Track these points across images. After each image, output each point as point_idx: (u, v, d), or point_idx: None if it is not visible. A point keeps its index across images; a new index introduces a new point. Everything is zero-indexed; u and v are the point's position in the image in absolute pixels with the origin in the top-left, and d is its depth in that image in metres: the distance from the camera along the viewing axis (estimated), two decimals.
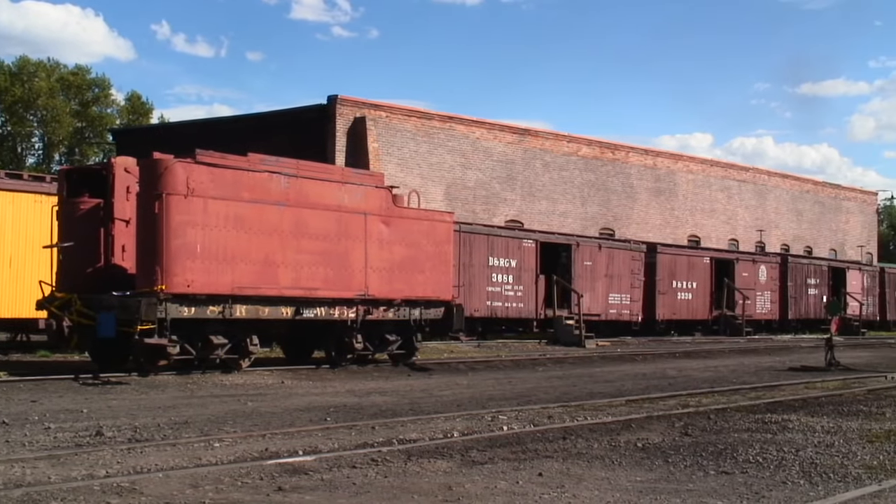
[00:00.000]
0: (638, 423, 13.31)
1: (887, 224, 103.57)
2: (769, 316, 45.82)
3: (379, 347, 22.50)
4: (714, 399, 16.82)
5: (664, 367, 24.54)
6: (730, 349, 32.94)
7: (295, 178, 20.30)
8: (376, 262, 21.73)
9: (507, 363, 24.71)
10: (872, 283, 53.57)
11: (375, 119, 39.43)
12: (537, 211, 46.72)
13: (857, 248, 70.41)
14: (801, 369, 24.20)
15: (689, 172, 56.96)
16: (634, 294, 37.88)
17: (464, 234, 30.51)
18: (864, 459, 10.52)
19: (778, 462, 10.28)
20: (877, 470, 9.89)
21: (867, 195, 76.52)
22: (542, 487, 8.84)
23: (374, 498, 8.36)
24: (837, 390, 18.56)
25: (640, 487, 8.94)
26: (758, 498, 8.55)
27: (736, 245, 58.01)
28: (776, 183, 64.65)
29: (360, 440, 11.43)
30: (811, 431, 12.63)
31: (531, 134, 47.74)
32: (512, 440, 11.58)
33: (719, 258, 44.03)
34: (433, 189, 41.18)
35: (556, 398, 16.53)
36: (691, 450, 11.01)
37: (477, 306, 31.05)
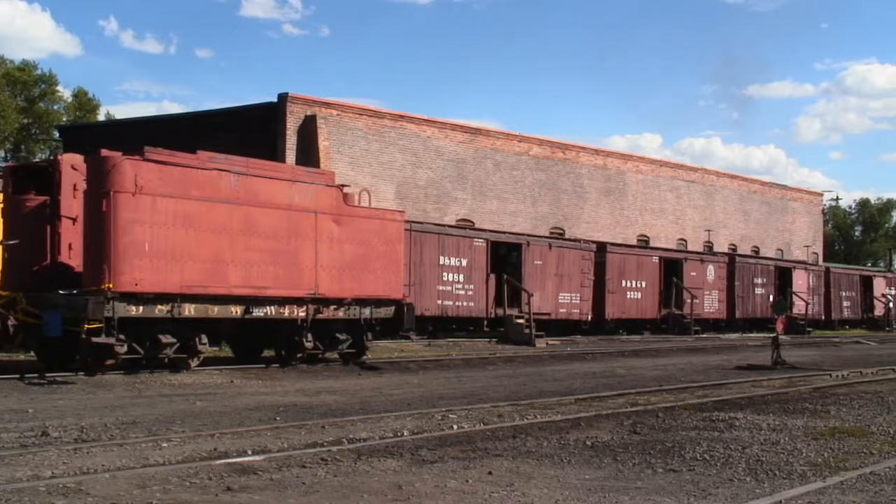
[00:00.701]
0: (587, 421, 13.38)
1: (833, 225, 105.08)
2: (717, 315, 46.23)
3: (329, 346, 22.43)
4: (662, 397, 16.95)
5: (613, 366, 24.69)
6: (678, 348, 33.23)
7: (245, 177, 20.18)
8: (327, 261, 21.65)
9: (457, 362, 24.74)
10: (818, 283, 54.24)
11: (326, 117, 39.28)
12: (488, 210, 46.80)
13: (804, 248, 71.30)
14: (747, 368, 24.46)
15: (638, 172, 57.36)
16: (584, 293, 38.07)
17: (415, 233, 30.48)
18: (808, 457, 10.66)
19: (725, 460, 10.38)
20: (821, 467, 10.02)
21: (813, 196, 77.52)
22: (491, 486, 8.87)
23: (324, 497, 8.33)
24: (783, 388, 18.78)
25: (589, 485, 8.99)
26: (705, 495, 8.63)
27: (684, 245, 58.49)
28: (724, 183, 65.28)
29: (310, 439, 11.39)
30: (757, 429, 12.77)
31: (482, 133, 47.82)
32: (462, 439, 11.60)
33: (668, 258, 44.35)
34: (384, 188, 41.11)
35: (506, 397, 16.58)
36: (640, 448, 11.09)
37: (428, 305, 31.03)
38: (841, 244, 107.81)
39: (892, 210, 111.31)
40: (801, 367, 24.33)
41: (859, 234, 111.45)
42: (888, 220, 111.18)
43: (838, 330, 54.08)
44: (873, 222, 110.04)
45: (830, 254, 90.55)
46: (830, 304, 55.51)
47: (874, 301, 59.45)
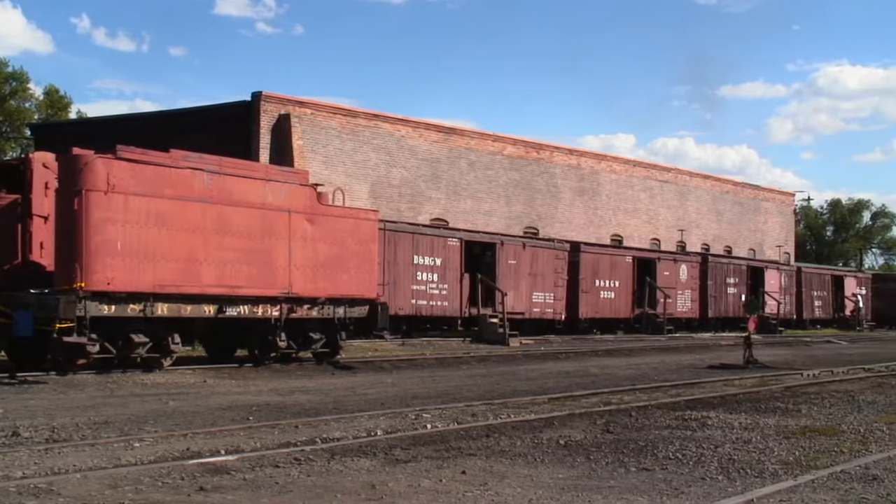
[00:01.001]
0: (561, 420, 13.41)
1: (804, 224, 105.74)
2: (690, 314, 46.42)
3: (303, 346, 22.39)
4: (636, 396, 17.00)
5: (587, 365, 24.76)
6: (651, 347, 33.35)
7: (218, 175, 20.11)
8: (300, 260, 21.61)
9: (431, 361, 24.75)
10: (790, 283, 54.56)
11: (300, 116, 39.19)
12: (462, 210, 46.83)
13: (776, 247, 71.72)
14: (720, 367, 24.57)
15: (612, 172, 57.54)
16: (558, 293, 38.14)
17: (389, 233, 30.46)
18: (780, 455, 10.72)
19: (697, 458, 10.43)
20: (792, 465, 10.09)
21: (785, 196, 78.00)
22: (465, 485, 8.87)
23: (297, 497, 8.31)
24: (755, 388, 18.87)
25: (562, 484, 9.02)
26: (677, 494, 8.67)
27: (658, 244, 58.72)
28: (697, 183, 65.59)
29: (284, 439, 11.36)
30: (729, 428, 12.84)
31: (456, 133, 47.84)
32: (436, 438, 11.60)
33: (641, 257, 44.51)
34: (358, 187, 41.06)
35: (479, 396, 16.59)
36: (613, 447, 11.13)
37: (402, 305, 31.02)
38: (812, 244, 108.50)
39: (862, 210, 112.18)
40: (773, 367, 24.46)
41: (831, 234, 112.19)
42: (859, 220, 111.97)
43: (810, 329, 54.40)
44: (844, 222, 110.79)
45: (802, 254, 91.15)
46: (802, 304, 55.84)
47: (845, 301, 59.89)
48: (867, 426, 13.14)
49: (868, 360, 28.32)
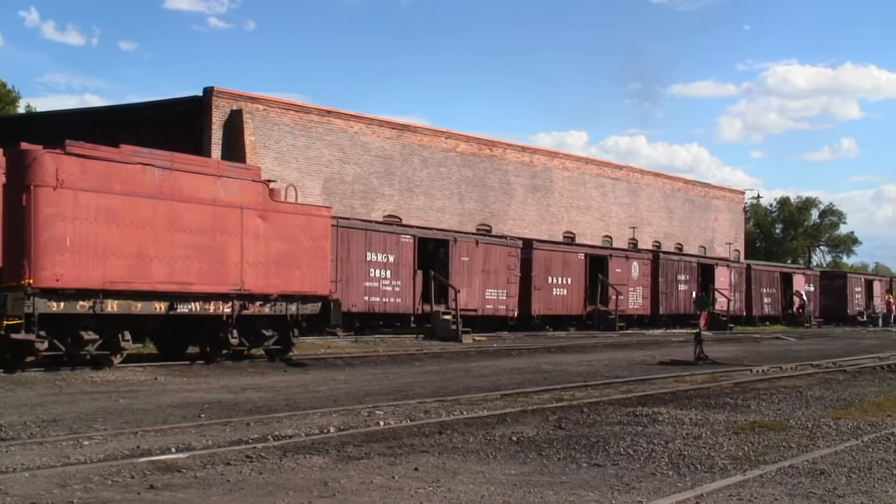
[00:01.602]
0: (513, 417, 13.46)
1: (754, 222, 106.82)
2: (641, 311, 46.72)
3: (255, 343, 22.29)
4: (587, 393, 17.10)
5: (539, 362, 24.85)
6: (603, 344, 33.54)
7: (169, 171, 19.94)
8: (252, 257, 21.49)
9: (384, 358, 24.72)
10: (739, 280, 55.09)
11: (252, 112, 38.98)
12: (415, 206, 46.82)
13: (726, 245, 72.45)
14: (671, 363, 24.76)
15: (564, 170, 57.79)
16: (510, 289, 38.24)
17: (341, 229, 30.37)
18: (729, 450, 10.83)
19: (648, 454, 10.51)
20: (741, 460, 10.19)
21: (735, 194, 78.78)
22: (417, 482, 8.88)
23: (249, 495, 8.27)
24: (705, 383, 19.04)
25: (514, 480, 9.05)
26: (628, 489, 8.73)
27: (610, 242, 59.08)
28: (649, 181, 66.07)
29: (235, 437, 11.30)
30: (680, 424, 12.95)
31: (410, 129, 47.82)
32: (388, 435, 11.60)
33: (593, 254, 44.73)
34: (311, 183, 40.92)
35: (432, 393, 16.60)
36: (565, 443, 11.19)
37: (354, 301, 30.95)
38: (762, 242, 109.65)
39: (811, 208, 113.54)
40: (723, 363, 24.70)
41: (780, 231, 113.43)
42: (807, 218, 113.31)
43: (759, 326, 54.96)
44: (793, 220, 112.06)
45: (752, 251, 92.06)
46: (751, 301, 56.38)
47: (793, 298, 60.58)
48: (814, 421, 13.31)
49: (816, 356, 28.70)
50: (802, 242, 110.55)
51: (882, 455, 10.60)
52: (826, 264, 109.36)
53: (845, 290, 65.61)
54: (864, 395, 17.32)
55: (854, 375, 21.73)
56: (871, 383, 19.83)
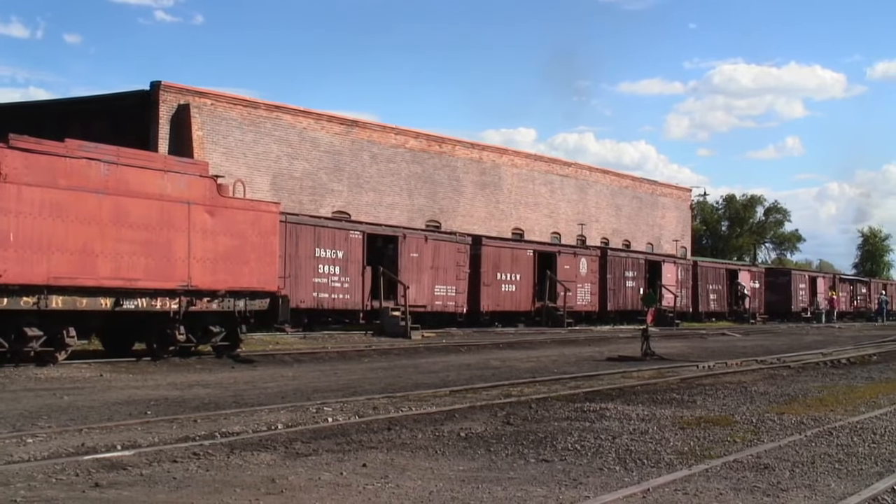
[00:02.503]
0: (462, 413, 13.49)
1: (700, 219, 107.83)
2: (589, 307, 46.98)
3: (202, 339, 22.13)
4: (536, 389, 17.17)
5: (488, 358, 24.91)
6: (551, 340, 33.70)
7: (115, 166, 19.74)
8: (200, 253, 21.33)
9: (332, 354, 24.65)
10: (686, 276, 55.58)
11: (200, 107, 38.68)
12: (364, 202, 46.73)
13: (673, 242, 73.07)
14: (618, 359, 24.93)
15: (513, 167, 57.96)
16: (460, 286, 38.29)
17: (290, 225, 30.23)
18: (675, 445, 10.93)
19: (595, 449, 10.58)
20: (687, 455, 10.29)
21: (682, 191, 79.46)
22: (366, 478, 8.87)
23: (195, 492, 8.22)
24: (652, 379, 19.20)
25: (462, 476, 9.07)
26: (575, 484, 8.78)
27: (558, 238, 59.34)
28: (597, 178, 66.46)
29: (182, 434, 11.22)
30: (627, 419, 13.04)
31: (359, 125, 47.70)
32: (337, 431, 11.57)
33: (542, 251, 44.89)
34: (259, 179, 40.69)
35: (381, 389, 16.59)
36: (513, 439, 11.23)
37: (303, 297, 30.83)
38: (708, 238, 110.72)
39: (756, 206, 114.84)
40: (670, 359, 24.91)
41: (726, 228, 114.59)
42: (753, 215, 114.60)
43: (705, 322, 55.48)
44: (739, 217, 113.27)
45: (698, 248, 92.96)
46: (698, 297, 56.91)
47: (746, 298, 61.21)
48: (759, 416, 13.47)
49: (760, 352, 29.04)
50: (748, 240, 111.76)
51: (824, 449, 10.75)
52: (771, 261, 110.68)
53: (790, 287, 66.47)
54: (808, 390, 17.56)
55: (798, 371, 22.02)
56: (814, 379, 20.10)
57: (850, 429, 12.27)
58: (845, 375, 20.91)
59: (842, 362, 24.67)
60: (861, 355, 27.32)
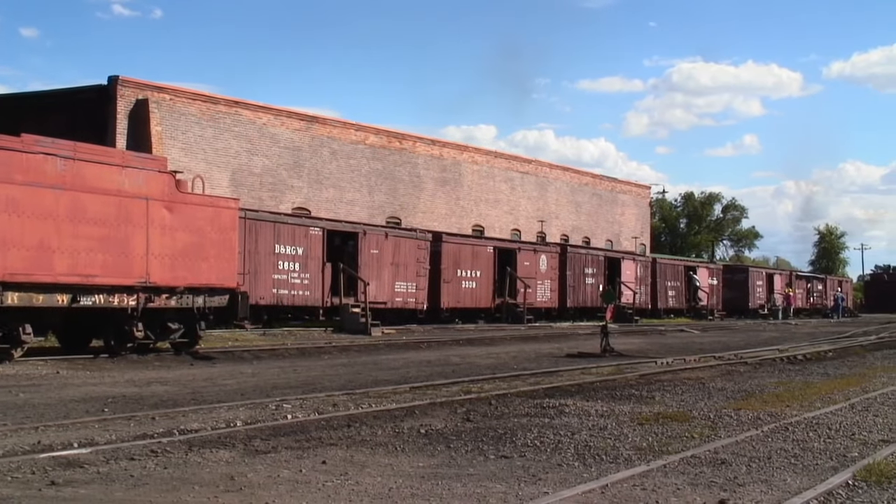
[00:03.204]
0: (421, 409, 13.49)
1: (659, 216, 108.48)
2: (549, 304, 47.15)
3: (161, 336, 21.98)
4: (495, 385, 17.19)
5: (448, 355, 24.93)
6: (511, 336, 33.77)
7: (72, 161, 19.55)
8: (158, 249, 21.19)
9: (292, 351, 24.58)
10: (645, 273, 55.92)
11: (159, 102, 38.38)
12: (324, 199, 46.60)
13: (632, 239, 73.47)
14: (578, 356, 25.03)
15: (474, 163, 58.01)
16: (420, 282, 38.30)
17: (249, 221, 30.11)
18: (634, 441, 11.00)
19: (555, 445, 10.62)
20: (646, 451, 10.36)
21: (641, 189, 79.88)
22: (325, 475, 8.85)
23: (153, 490, 8.17)
24: (611, 375, 19.28)
25: (422, 473, 9.07)
26: (535, 480, 8.81)
27: (518, 235, 59.48)
28: (557, 175, 66.66)
29: (140, 431, 11.14)
30: (586, 415, 13.10)
31: (319, 121, 47.55)
32: (296, 428, 11.54)
33: (502, 248, 44.98)
34: (218, 175, 40.47)
35: (341, 386, 16.56)
36: (473, 435, 11.25)
37: (262, 294, 30.72)
38: (667, 236, 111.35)
39: (714, 203, 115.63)
40: (629, 355, 25.04)
41: (684, 226, 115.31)
42: (710, 212, 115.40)
43: (664, 318, 55.85)
44: (697, 215, 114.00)
45: (657, 245, 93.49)
46: (657, 294, 57.29)
47: (697, 291, 61.69)
48: (716, 412, 13.57)
49: (718, 348, 29.26)
50: (706, 237, 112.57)
51: (781, 444, 10.86)
52: (729, 258, 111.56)
53: (747, 284, 67.08)
54: (765, 386, 17.72)
55: (755, 367, 22.22)
56: (770, 375, 20.29)
57: (805, 424, 12.40)
58: (801, 371, 21.12)
59: (798, 359, 24.92)
60: (817, 352, 27.62)
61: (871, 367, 22.59)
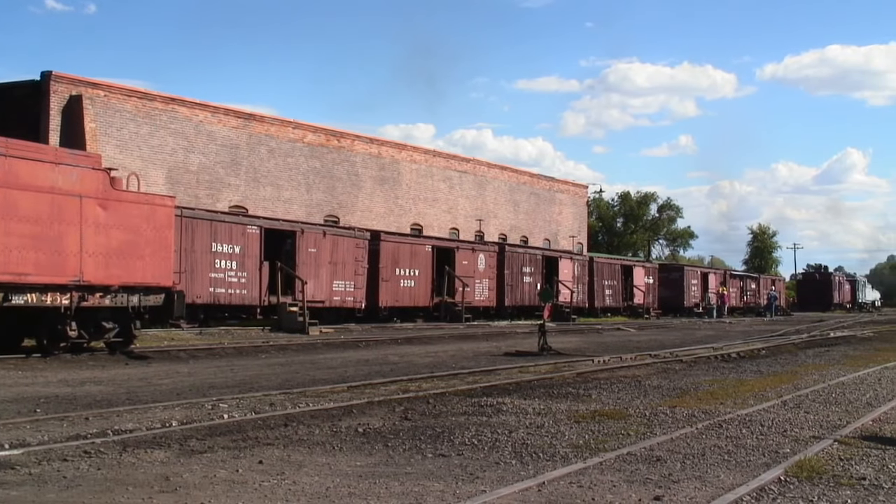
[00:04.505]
0: (359, 408, 13.46)
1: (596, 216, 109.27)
2: (487, 303, 47.29)
3: (95, 335, 21.69)
4: (434, 384, 17.20)
5: (386, 353, 24.90)
6: (450, 335, 33.81)
7: (3, 158, 19.22)
8: (92, 247, 20.91)
9: (229, 350, 24.39)
10: (582, 272, 56.29)
11: (93, 98, 37.88)
12: (262, 197, 46.32)
13: (569, 238, 73.94)
14: (516, 354, 25.12)
15: (412, 162, 58.02)
16: (358, 281, 38.21)
17: (186, 220, 29.84)
18: (571, 439, 11.06)
19: (492, 444, 10.65)
20: (582, 449, 10.42)
21: (578, 188, 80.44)
22: (262, 475, 8.80)
23: (86, 491, 8.06)
24: (549, 374, 19.37)
25: (359, 472, 9.05)
26: (473, 479, 8.83)
27: (457, 234, 59.61)
28: (495, 174, 66.90)
29: (73, 432, 10.98)
30: (524, 414, 13.15)
31: (256, 119, 47.26)
32: (233, 428, 11.45)
33: (441, 247, 45.05)
34: (154, 172, 40.05)
35: (278, 385, 16.47)
36: (411, 434, 11.24)
37: (199, 293, 30.46)
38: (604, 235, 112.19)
39: (650, 203, 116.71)
40: (566, 353, 25.18)
41: (621, 225, 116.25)
42: (647, 212, 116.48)
43: (601, 317, 56.28)
44: (633, 214, 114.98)
45: (594, 244, 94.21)
46: (594, 293, 57.68)
47: (634, 290, 62.26)
48: (652, 410, 13.70)
49: (654, 346, 29.55)
50: (642, 236, 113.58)
51: (715, 441, 10.99)
52: (664, 257, 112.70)
53: (682, 283, 67.84)
54: (699, 383, 17.91)
55: (690, 365, 22.46)
56: (705, 372, 20.52)
57: (739, 421, 12.56)
58: (735, 369, 21.39)
59: (732, 356, 25.24)
60: (750, 349, 27.99)
61: (803, 364, 22.95)
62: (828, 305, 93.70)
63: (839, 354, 26.74)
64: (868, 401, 15.19)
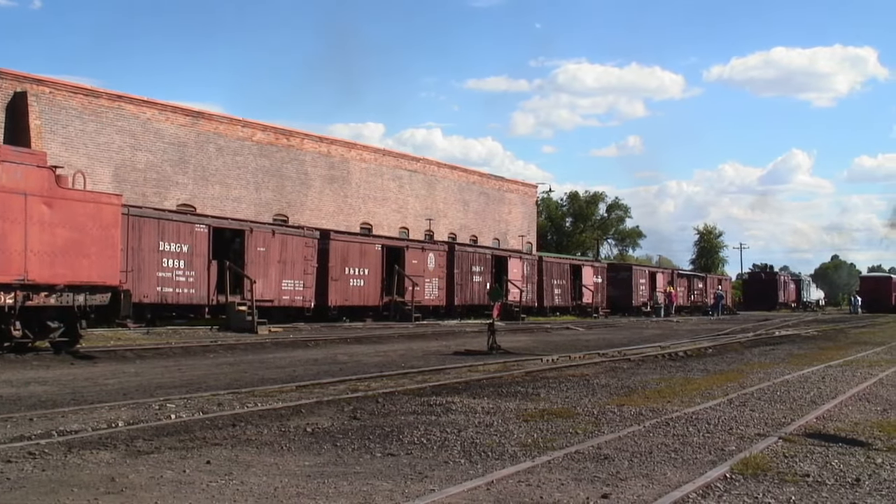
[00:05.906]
0: (308, 408, 13.41)
1: (545, 215, 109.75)
2: (437, 302, 47.29)
3: (40, 335, 21.43)
4: (383, 383, 17.18)
5: (336, 353, 24.84)
6: (399, 334, 33.78)
7: None
8: (37, 246, 20.65)
9: (177, 350, 24.20)
10: (532, 271, 56.48)
11: (38, 95, 37.40)
12: (210, 196, 46.01)
13: (519, 237, 74.21)
14: (465, 353, 25.15)
15: (362, 161, 57.92)
16: (307, 280, 38.07)
17: (133, 218, 29.55)
18: (520, 437, 11.10)
19: (441, 443, 10.66)
20: (531, 447, 10.46)
21: (528, 187, 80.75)
22: (209, 475, 8.75)
23: (30, 493, 7.96)
24: (498, 373, 19.41)
25: (308, 472, 9.03)
26: (421, 478, 8.83)
27: (406, 233, 59.59)
28: (445, 174, 66.97)
29: (16, 433, 10.84)
30: (473, 412, 13.17)
31: (204, 117, 46.92)
32: (180, 428, 11.37)
33: (390, 246, 44.98)
34: (100, 170, 39.62)
35: (226, 385, 16.37)
36: (359, 433, 11.23)
37: (146, 292, 30.18)
38: (553, 234, 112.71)
39: (598, 202, 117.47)
40: (515, 352, 25.26)
41: (570, 224, 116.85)
42: (595, 211, 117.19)
43: (550, 316, 56.49)
44: (582, 214, 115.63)
45: (543, 243, 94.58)
46: (543, 292, 57.88)
47: (583, 289, 62.57)
48: (600, 408, 13.78)
49: (603, 345, 29.73)
50: (591, 235, 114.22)
51: (662, 439, 11.08)
52: (613, 257, 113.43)
53: (631, 282, 68.27)
54: (647, 382, 18.04)
55: (637, 364, 22.62)
56: (653, 371, 20.67)
57: (686, 419, 12.67)
58: (682, 368, 21.57)
59: (679, 355, 25.46)
60: (697, 348, 28.26)
61: (749, 363, 23.21)
62: (773, 305, 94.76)
63: (784, 353, 27.07)
64: (812, 399, 15.40)
